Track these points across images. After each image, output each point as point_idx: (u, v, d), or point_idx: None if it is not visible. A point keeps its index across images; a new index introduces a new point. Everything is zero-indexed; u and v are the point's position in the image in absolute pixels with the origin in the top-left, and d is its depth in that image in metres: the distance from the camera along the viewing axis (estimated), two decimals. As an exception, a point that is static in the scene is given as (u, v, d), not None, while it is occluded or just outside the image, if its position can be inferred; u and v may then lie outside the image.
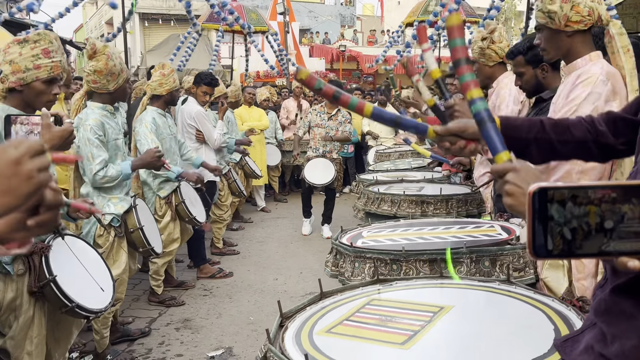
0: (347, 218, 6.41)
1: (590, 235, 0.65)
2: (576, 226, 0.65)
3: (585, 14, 1.94)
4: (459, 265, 2.01)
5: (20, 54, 2.12)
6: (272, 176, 8.08)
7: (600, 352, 1.02)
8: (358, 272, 2.13)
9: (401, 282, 1.80)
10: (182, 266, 5.19)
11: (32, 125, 1.82)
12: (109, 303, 2.38)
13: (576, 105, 1.93)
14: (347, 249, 2.21)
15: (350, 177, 8.71)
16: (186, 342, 3.57)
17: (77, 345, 3.35)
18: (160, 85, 4.03)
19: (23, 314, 2.10)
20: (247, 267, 5.20)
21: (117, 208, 3.10)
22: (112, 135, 3.09)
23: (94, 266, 2.44)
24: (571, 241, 0.65)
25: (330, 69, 18.81)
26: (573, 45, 2.02)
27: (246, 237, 6.31)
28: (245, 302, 4.28)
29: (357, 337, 1.39)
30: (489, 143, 1.11)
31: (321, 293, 1.67)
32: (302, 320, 1.50)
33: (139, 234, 3.14)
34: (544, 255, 0.66)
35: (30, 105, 2.18)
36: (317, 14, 26.57)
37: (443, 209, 3.14)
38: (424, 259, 2.03)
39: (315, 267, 5.15)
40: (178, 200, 4.04)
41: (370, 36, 23.87)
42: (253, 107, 7.27)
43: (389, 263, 2.06)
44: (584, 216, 0.64)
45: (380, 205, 3.33)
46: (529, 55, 2.54)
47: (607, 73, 1.92)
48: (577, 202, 0.64)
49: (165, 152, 4.05)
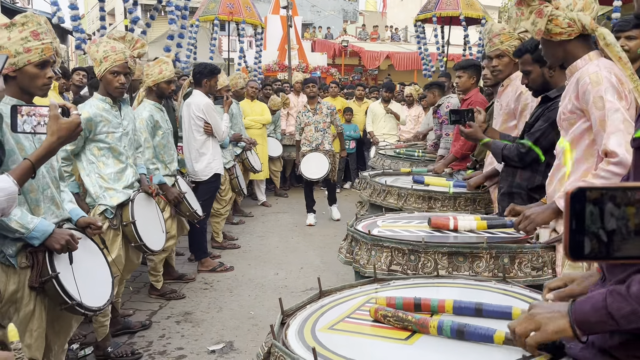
0: (348, 214, 6.41)
1: (630, 237, 0.63)
2: (615, 227, 0.63)
3: (565, 26, 1.96)
4: (478, 260, 2.00)
5: (9, 38, 2.03)
6: (273, 171, 8.06)
7: (601, 346, 1.07)
8: (373, 261, 2.11)
9: (398, 282, 1.80)
10: (182, 259, 5.18)
11: (39, 116, 1.79)
12: (107, 301, 2.37)
13: (607, 109, 1.89)
14: (365, 237, 2.19)
15: (352, 173, 8.70)
16: (187, 336, 3.57)
17: (78, 336, 3.35)
18: (160, 73, 4.02)
19: (24, 307, 2.08)
20: (248, 261, 5.19)
21: (112, 200, 3.08)
22: (102, 129, 3.05)
23: (95, 262, 2.42)
24: (608, 243, 0.63)
25: (332, 64, 18.75)
26: (568, 50, 2.03)
27: (247, 231, 6.30)
28: (246, 297, 4.28)
29: (360, 334, 1.40)
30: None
31: (320, 291, 1.67)
32: (304, 318, 1.51)
33: (130, 229, 3.11)
34: (580, 257, 0.65)
35: (26, 92, 2.13)
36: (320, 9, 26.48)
37: (450, 207, 3.12)
38: (443, 251, 2.02)
39: (316, 262, 5.15)
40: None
41: (373, 32, 23.78)
42: (256, 101, 7.24)
43: (406, 253, 2.05)
44: (623, 217, 0.63)
45: (386, 198, 3.30)
46: (537, 54, 2.51)
47: (605, 67, 1.93)
48: (616, 203, 0.63)
49: (163, 147, 4.06)
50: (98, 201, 3.07)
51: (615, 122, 1.85)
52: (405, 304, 1.46)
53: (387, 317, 1.40)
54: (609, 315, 0.98)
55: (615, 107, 1.86)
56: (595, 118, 1.91)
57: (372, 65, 18.90)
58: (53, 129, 1.78)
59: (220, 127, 4.78)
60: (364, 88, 9.59)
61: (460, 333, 1.29)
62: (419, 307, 1.45)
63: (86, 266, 2.32)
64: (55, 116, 1.78)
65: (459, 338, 1.30)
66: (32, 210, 2.13)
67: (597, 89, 1.89)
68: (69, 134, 1.82)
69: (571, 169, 2.05)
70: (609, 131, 1.86)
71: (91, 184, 3.08)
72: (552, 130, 2.43)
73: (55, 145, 1.82)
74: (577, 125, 2.03)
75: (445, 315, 1.44)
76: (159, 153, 4.03)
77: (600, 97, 1.89)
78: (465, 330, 1.29)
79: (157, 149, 4.01)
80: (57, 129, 1.79)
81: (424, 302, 1.46)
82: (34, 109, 1.80)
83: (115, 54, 3.02)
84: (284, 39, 13.71)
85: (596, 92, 1.90)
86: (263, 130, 7.28)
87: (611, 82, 1.89)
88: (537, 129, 2.53)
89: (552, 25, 1.96)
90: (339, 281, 4.44)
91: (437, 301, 1.45)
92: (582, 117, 2.01)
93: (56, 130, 1.79)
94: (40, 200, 2.17)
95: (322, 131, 6.47)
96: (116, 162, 3.15)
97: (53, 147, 1.82)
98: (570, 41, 2.00)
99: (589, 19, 1.93)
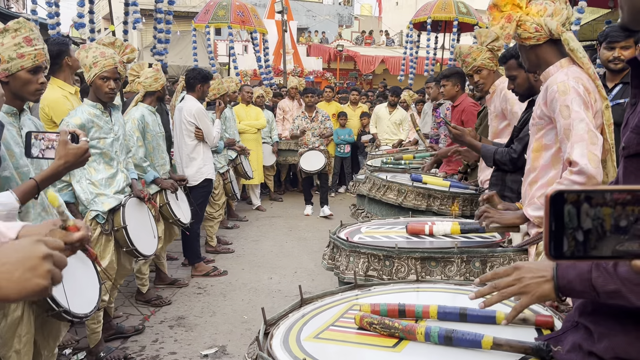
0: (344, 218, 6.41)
1: (605, 237, 0.66)
2: (591, 227, 0.66)
3: (532, 31, 2.02)
4: (450, 265, 2.03)
5: (2, 44, 2.06)
6: (267, 175, 8.07)
7: (589, 349, 1.09)
8: (352, 267, 2.15)
9: (379, 287, 1.80)
10: (176, 264, 5.18)
11: (48, 140, 1.85)
12: (94, 307, 2.37)
13: (572, 119, 1.94)
14: (343, 243, 2.22)
15: (347, 177, 8.71)
16: (180, 340, 3.57)
17: (70, 341, 3.34)
18: (156, 81, 4.07)
19: (11, 313, 2.07)
20: (242, 265, 5.20)
21: (103, 205, 3.09)
22: (94, 134, 3.07)
23: (82, 268, 2.42)
24: (585, 242, 0.66)
25: (327, 69, 18.78)
26: (540, 56, 2.09)
27: (241, 235, 6.30)
28: (240, 301, 4.28)
29: (346, 342, 1.40)
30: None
31: (302, 299, 1.67)
32: (287, 327, 1.50)
33: (122, 233, 3.12)
34: (559, 256, 0.68)
35: (18, 97, 2.15)
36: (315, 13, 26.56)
37: (448, 206, 3.14)
38: (415, 257, 2.05)
39: (310, 266, 5.15)
40: (163, 201, 4.04)
41: (368, 37, 23.86)
42: (250, 106, 7.26)
43: (381, 259, 2.08)
44: (599, 218, 0.66)
45: (385, 193, 3.32)
46: None
47: (573, 77, 1.98)
48: (592, 204, 0.66)
49: (153, 149, 4.10)
50: (89, 207, 3.08)
51: (579, 132, 1.89)
52: (390, 311, 1.46)
53: (374, 325, 1.40)
54: (592, 287, 1.04)
55: (581, 117, 1.90)
56: (561, 126, 1.96)
57: (368, 69, 18.93)
58: (61, 153, 1.84)
59: (211, 132, 4.78)
60: (359, 92, 9.62)
61: (448, 339, 1.30)
62: (404, 313, 1.46)
63: (73, 272, 2.31)
64: (64, 142, 1.84)
65: (446, 344, 1.31)
66: (21, 216, 2.13)
67: (564, 98, 1.94)
68: (75, 159, 1.87)
69: (539, 174, 2.09)
70: (572, 141, 1.90)
71: (82, 191, 3.08)
72: None
73: (62, 169, 1.88)
74: (544, 131, 2.09)
75: (430, 321, 1.45)
76: (148, 155, 4.05)
77: (566, 107, 1.93)
78: (453, 336, 1.29)
79: (147, 151, 4.03)
80: (64, 154, 1.84)
81: (409, 309, 1.46)
82: (44, 134, 1.86)
83: (104, 59, 3.03)
84: (279, 43, 13.73)
85: (563, 101, 1.94)
86: (258, 135, 7.30)
87: (578, 91, 1.94)
88: (525, 134, 2.57)
89: (521, 30, 2.04)
90: (332, 285, 4.44)
91: (422, 307, 1.46)
92: (549, 124, 2.06)
93: (64, 155, 1.84)
94: (30, 207, 2.18)
95: (318, 136, 7.24)
96: (107, 168, 3.16)
97: (59, 170, 1.88)
98: (540, 46, 2.06)
99: (555, 24, 1.99)
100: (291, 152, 8.26)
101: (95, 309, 2.39)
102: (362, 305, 1.51)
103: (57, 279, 0.87)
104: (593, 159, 1.87)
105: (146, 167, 3.93)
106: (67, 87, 3.45)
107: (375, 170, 3.90)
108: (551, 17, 2.01)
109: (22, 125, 2.18)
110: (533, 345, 1.20)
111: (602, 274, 1.03)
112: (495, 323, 1.40)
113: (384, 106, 8.18)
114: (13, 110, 2.15)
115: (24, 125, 2.20)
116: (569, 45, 1.99)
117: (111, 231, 3.13)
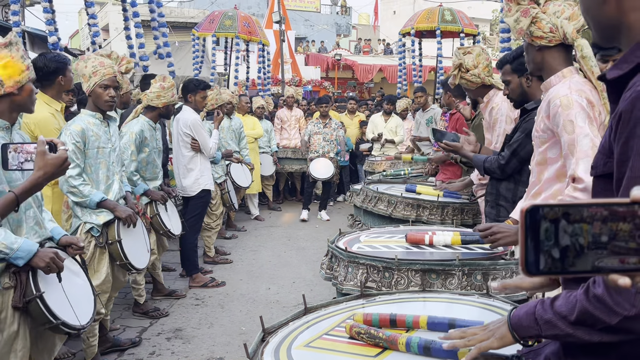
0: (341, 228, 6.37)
1: (583, 253, 0.65)
2: (569, 244, 0.65)
3: (547, 30, 1.96)
4: (451, 278, 2.01)
5: (12, 57, 2.08)
6: (265, 185, 8.06)
7: None
8: (350, 277, 2.12)
9: (384, 297, 1.80)
10: (174, 275, 5.16)
11: (26, 153, 1.83)
12: (90, 319, 2.36)
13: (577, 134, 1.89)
14: (342, 253, 2.20)
15: (345, 186, 8.70)
16: (177, 352, 3.54)
17: (66, 355, 3.31)
18: (158, 98, 4.04)
19: (7, 328, 2.06)
20: (240, 276, 5.17)
21: (98, 218, 3.08)
22: (94, 143, 3.08)
23: (77, 280, 2.41)
24: (563, 259, 0.66)
25: (325, 78, 18.87)
26: (545, 59, 2.03)
27: (239, 245, 6.28)
28: (237, 312, 4.26)
29: (333, 351, 1.41)
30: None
31: (305, 308, 1.67)
32: (284, 335, 1.52)
33: (116, 247, 3.10)
34: (536, 272, 0.67)
35: (22, 108, 2.17)
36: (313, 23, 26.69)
37: (438, 215, 3.14)
38: (416, 269, 2.03)
39: (308, 276, 5.13)
40: (153, 213, 4.03)
41: (366, 45, 23.97)
42: (247, 116, 7.27)
43: (381, 270, 2.06)
44: (577, 234, 0.65)
45: (376, 205, 3.32)
46: (515, 63, 2.58)
47: (576, 90, 1.92)
48: (570, 220, 0.65)
49: (148, 164, 4.10)
50: (84, 219, 3.06)
51: (584, 148, 1.85)
52: (382, 320, 1.47)
53: (361, 334, 1.42)
54: (535, 320, 1.07)
55: (585, 132, 1.86)
56: (565, 141, 1.91)
57: (366, 78, 19.01)
58: (39, 164, 1.81)
59: (207, 143, 4.77)
60: (356, 101, 9.64)
61: (427, 350, 1.33)
62: (395, 323, 1.46)
63: (68, 284, 2.30)
64: (42, 152, 1.81)
65: (425, 354, 1.33)
66: (13, 230, 2.12)
67: (568, 113, 1.89)
68: (54, 170, 1.84)
69: (543, 186, 2.07)
70: (577, 157, 1.86)
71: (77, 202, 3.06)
72: (529, 141, 2.46)
73: (41, 181, 1.85)
74: (548, 145, 2.04)
75: (420, 331, 1.45)
76: (140, 168, 4.04)
77: (570, 122, 1.88)
78: (431, 346, 1.32)
79: (140, 164, 4.02)
80: (43, 165, 1.81)
81: (399, 318, 1.47)
82: (22, 146, 1.83)
83: (104, 68, 3.06)
84: (277, 53, 13.79)
85: (566, 116, 1.89)
86: (255, 144, 7.31)
87: (582, 105, 1.88)
88: (514, 141, 2.58)
89: (535, 27, 1.97)
90: (331, 295, 4.42)
91: (412, 317, 1.46)
92: (553, 138, 2.01)
93: (42, 166, 1.81)
94: (22, 221, 2.17)
95: (329, 142, 7.53)
96: (105, 178, 3.15)
97: (39, 182, 1.85)
98: (549, 49, 2.00)
99: (572, 28, 1.93)
100: (289, 160, 8.28)
101: (91, 321, 2.38)
102: (356, 315, 1.51)
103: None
104: None
105: (136, 180, 3.93)
106: (54, 103, 3.43)
107: (372, 182, 3.90)
108: (568, 21, 1.95)
109: (12, 139, 2.18)
110: (506, 357, 1.20)
111: (542, 306, 1.07)
112: None
113: (380, 115, 8.21)
114: (5, 124, 2.15)
115: (14, 139, 2.20)
116: (582, 52, 1.91)
117: (105, 244, 3.12)
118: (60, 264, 2.15)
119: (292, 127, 8.49)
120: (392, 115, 8.05)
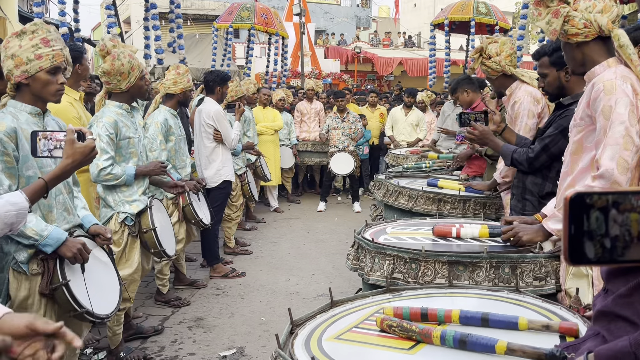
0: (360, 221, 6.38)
1: (633, 242, 0.63)
2: (618, 233, 0.63)
3: (581, 27, 1.92)
4: (478, 270, 1.99)
5: (20, 46, 2.08)
6: (285, 177, 8.09)
7: None
8: (377, 268, 2.11)
9: (411, 292, 1.79)
10: (195, 265, 5.21)
11: (56, 140, 1.85)
12: (114, 308, 2.40)
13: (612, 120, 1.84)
14: (369, 244, 2.19)
15: (364, 179, 8.67)
16: (198, 341, 3.58)
17: (91, 341, 3.38)
18: (175, 84, 4.10)
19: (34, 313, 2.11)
20: (260, 267, 5.21)
21: (132, 207, 3.12)
22: (125, 133, 3.11)
23: (104, 269, 2.45)
24: (612, 249, 0.64)
25: (345, 71, 18.77)
26: (586, 54, 1.98)
27: (259, 237, 6.32)
28: (258, 303, 4.29)
29: (364, 343, 1.40)
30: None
31: (332, 302, 1.67)
32: (312, 327, 1.51)
33: (151, 235, 3.15)
34: (581, 261, 0.65)
35: (40, 98, 2.17)
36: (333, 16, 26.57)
37: (459, 210, 3.10)
38: (443, 260, 2.01)
39: (327, 268, 5.14)
40: (186, 202, 4.07)
41: (386, 38, 23.78)
42: (268, 108, 7.28)
43: (407, 262, 2.04)
44: (626, 224, 0.63)
45: (397, 198, 3.31)
46: (554, 56, 2.50)
47: (621, 76, 1.87)
48: (619, 209, 0.63)
49: (175, 152, 4.13)
50: (117, 209, 3.10)
51: (615, 135, 1.80)
52: (413, 314, 1.46)
53: (393, 327, 1.40)
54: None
55: (621, 120, 1.80)
56: (600, 126, 1.87)
57: (385, 71, 18.87)
58: (68, 152, 1.84)
59: (229, 134, 4.80)
60: (377, 94, 9.58)
61: (462, 343, 1.29)
62: (426, 317, 1.45)
63: (95, 273, 2.34)
64: (71, 140, 1.84)
65: (461, 348, 1.30)
66: (44, 216, 2.16)
67: (609, 98, 1.84)
68: (83, 158, 1.86)
69: (576, 177, 2.02)
70: (606, 142, 1.82)
71: (109, 192, 3.11)
72: (562, 138, 2.40)
73: (70, 168, 1.88)
74: (584, 133, 1.98)
75: (452, 325, 1.44)
76: (170, 158, 4.07)
77: (609, 107, 1.83)
78: (467, 340, 1.29)
79: (169, 153, 4.06)
80: (72, 153, 1.84)
81: (431, 312, 1.46)
82: (52, 134, 1.87)
83: (136, 60, 3.15)
84: (296, 45, 13.76)
85: (607, 101, 1.84)
86: (275, 137, 7.32)
87: (625, 92, 1.83)
88: (547, 135, 2.51)
89: (569, 26, 1.94)
90: (350, 288, 4.43)
91: (444, 311, 1.44)
92: (590, 125, 1.95)
93: (71, 154, 1.84)
94: (52, 206, 2.21)
95: (348, 136, 7.64)
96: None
97: (67, 169, 1.88)
98: (588, 44, 1.96)
99: (606, 20, 1.89)
100: (309, 153, 8.28)
101: (116, 310, 2.41)
102: (386, 308, 1.50)
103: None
104: (622, 164, 1.79)
105: (169, 169, 3.96)
106: (72, 92, 3.48)
107: (395, 176, 3.87)
108: (601, 14, 1.91)
109: (45, 125, 2.21)
110: (547, 352, 1.18)
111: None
112: (517, 329, 1.38)
113: (400, 108, 8.13)
114: (37, 110, 2.18)
115: (47, 125, 2.23)
116: (619, 41, 1.87)
117: (138, 233, 3.17)
118: (86, 256, 2.18)
119: (312, 119, 8.47)
120: (413, 108, 7.98)
